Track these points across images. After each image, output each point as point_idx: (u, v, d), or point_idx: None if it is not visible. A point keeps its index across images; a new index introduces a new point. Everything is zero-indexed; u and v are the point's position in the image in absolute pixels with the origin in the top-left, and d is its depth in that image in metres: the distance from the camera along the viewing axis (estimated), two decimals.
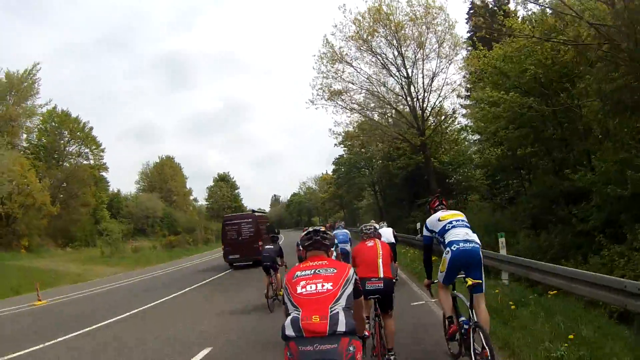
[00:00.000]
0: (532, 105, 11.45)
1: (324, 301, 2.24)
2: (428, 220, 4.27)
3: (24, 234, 25.47)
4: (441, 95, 20.96)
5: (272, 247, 8.77)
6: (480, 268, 3.85)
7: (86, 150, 41.05)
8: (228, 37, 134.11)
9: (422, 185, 23.41)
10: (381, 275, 4.23)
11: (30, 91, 34.20)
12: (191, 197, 57.96)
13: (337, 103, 21.41)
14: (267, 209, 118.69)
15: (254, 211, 20.82)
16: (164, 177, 54.31)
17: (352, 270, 2.46)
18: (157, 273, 19.85)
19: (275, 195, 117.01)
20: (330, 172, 61.31)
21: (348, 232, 10.84)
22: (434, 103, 21.38)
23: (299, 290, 2.32)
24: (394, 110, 23.12)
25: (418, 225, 16.76)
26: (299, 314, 2.22)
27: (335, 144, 37.16)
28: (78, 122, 42.50)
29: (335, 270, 2.40)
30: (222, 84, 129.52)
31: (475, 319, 3.74)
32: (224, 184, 50.99)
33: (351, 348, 2.15)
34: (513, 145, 13.23)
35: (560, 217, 11.19)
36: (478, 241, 3.88)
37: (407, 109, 22.13)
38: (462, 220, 4.04)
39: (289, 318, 2.25)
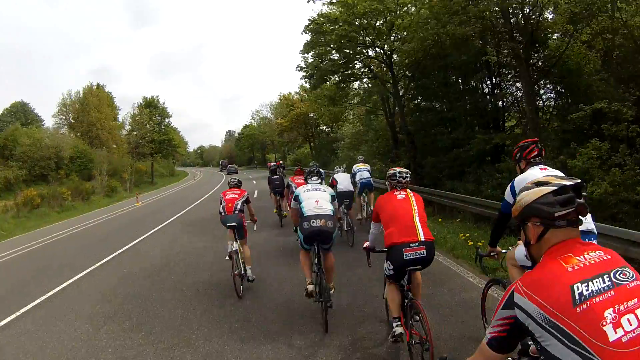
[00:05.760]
0: None
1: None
2: (516, 180, 2.80)
3: None
4: None
5: (277, 176, 10.93)
6: None
7: None
8: None
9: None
10: (421, 238, 3.11)
11: None
12: (124, 132, 51.41)
13: None
14: (219, 145, 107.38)
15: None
16: (86, 108, 47.29)
17: None
18: None
19: (229, 131, 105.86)
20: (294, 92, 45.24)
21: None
22: None
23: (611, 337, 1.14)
24: None
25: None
26: None
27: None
28: None
29: None
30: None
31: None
32: (149, 111, 44.04)
33: None
34: None
35: None
36: (594, 229, 2.70)
37: None
38: None
39: None
